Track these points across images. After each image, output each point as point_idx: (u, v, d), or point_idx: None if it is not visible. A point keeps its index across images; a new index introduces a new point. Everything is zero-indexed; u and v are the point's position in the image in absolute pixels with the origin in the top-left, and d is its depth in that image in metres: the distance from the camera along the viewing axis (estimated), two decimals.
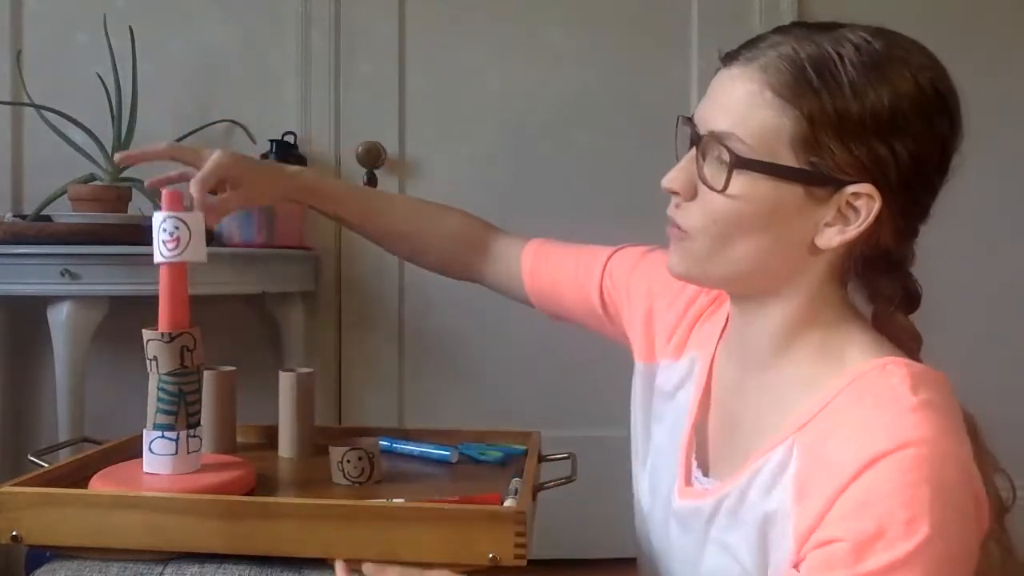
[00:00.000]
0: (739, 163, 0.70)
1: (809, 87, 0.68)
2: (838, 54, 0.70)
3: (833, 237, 0.71)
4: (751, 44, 0.73)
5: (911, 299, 0.76)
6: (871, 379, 0.70)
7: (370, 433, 1.20)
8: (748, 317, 0.79)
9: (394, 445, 1.20)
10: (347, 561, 0.84)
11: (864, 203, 0.69)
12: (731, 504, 0.76)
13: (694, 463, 0.85)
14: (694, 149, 0.74)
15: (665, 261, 0.83)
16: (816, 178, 0.69)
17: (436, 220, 1.14)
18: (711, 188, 0.72)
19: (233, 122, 2.06)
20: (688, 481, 0.85)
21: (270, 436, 1.24)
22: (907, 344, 0.76)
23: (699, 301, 0.93)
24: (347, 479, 1.04)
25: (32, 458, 1.06)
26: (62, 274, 1.64)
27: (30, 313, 1.85)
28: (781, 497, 0.71)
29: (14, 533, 0.88)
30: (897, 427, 0.65)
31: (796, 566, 0.67)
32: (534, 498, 0.96)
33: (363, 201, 1.17)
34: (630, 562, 0.90)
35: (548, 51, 2.16)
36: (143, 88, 1.91)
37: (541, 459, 1.16)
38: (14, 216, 1.83)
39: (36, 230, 1.72)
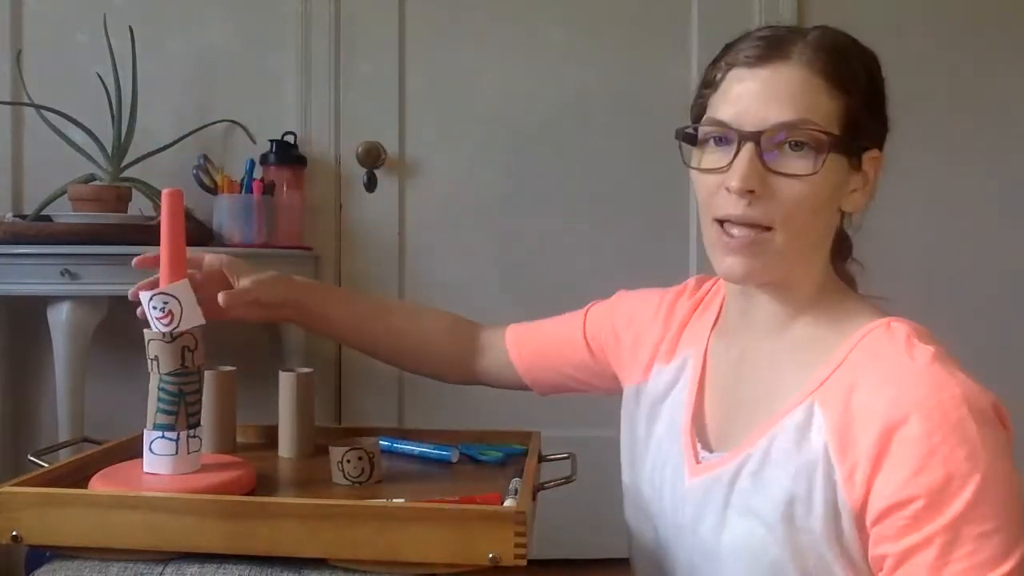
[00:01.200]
0: (832, 144, 0.77)
1: (846, 71, 0.79)
2: (846, 40, 0.83)
3: (859, 200, 0.82)
4: (774, 44, 0.80)
5: (850, 245, 0.89)
6: (879, 337, 0.77)
7: (370, 433, 1.20)
8: (767, 299, 0.84)
9: (394, 445, 1.20)
10: (346, 561, 0.84)
11: (871, 165, 0.81)
12: (753, 466, 0.79)
13: (698, 444, 0.88)
14: (748, 147, 0.77)
15: (634, 296, 1.00)
16: (859, 148, 0.80)
17: (426, 319, 1.20)
18: (792, 176, 0.77)
19: (233, 122, 2.06)
20: (697, 460, 0.87)
21: (270, 436, 1.24)
22: (854, 286, 0.88)
23: (680, 309, 0.99)
24: (347, 479, 1.04)
25: (32, 458, 1.06)
26: (62, 274, 1.65)
27: (30, 313, 1.85)
28: (815, 450, 0.75)
29: (14, 533, 0.88)
30: (926, 377, 0.72)
31: (863, 516, 0.72)
32: (534, 498, 0.96)
33: (356, 317, 1.21)
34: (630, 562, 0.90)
35: (548, 51, 2.16)
36: (143, 88, 1.91)
37: (541, 459, 1.16)
38: (14, 216, 1.83)
39: (36, 230, 1.72)
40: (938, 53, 2.21)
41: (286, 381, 1.20)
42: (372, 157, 2.12)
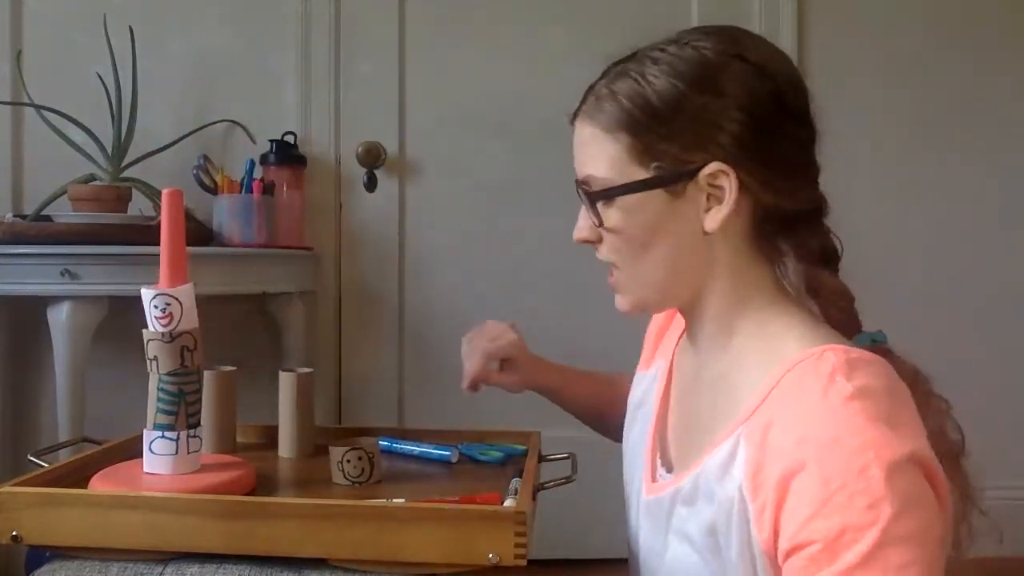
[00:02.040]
0: (596, 197, 0.80)
1: (626, 114, 0.78)
2: (640, 75, 0.79)
3: (714, 217, 0.77)
4: (584, 98, 0.83)
5: (828, 253, 0.82)
6: (807, 368, 0.71)
7: (370, 433, 1.20)
8: (691, 318, 0.85)
9: (394, 445, 1.21)
10: (346, 561, 0.84)
11: (723, 179, 0.76)
12: (686, 495, 0.79)
13: (658, 460, 0.89)
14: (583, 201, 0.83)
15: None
16: (666, 178, 0.77)
17: (616, 385, 1.16)
18: (600, 227, 0.81)
19: (233, 122, 2.06)
20: (653, 477, 0.89)
21: (270, 436, 1.24)
22: (838, 303, 0.81)
23: (661, 319, 1.02)
24: (347, 479, 1.04)
25: (32, 458, 1.06)
26: (62, 274, 1.64)
27: (30, 313, 1.85)
28: (734, 486, 0.73)
29: (14, 533, 0.88)
30: (835, 418, 0.67)
31: (775, 555, 0.70)
32: (534, 498, 0.96)
33: (579, 390, 1.23)
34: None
35: (548, 51, 2.16)
36: (143, 88, 1.91)
37: (541, 459, 1.16)
38: (14, 216, 1.83)
39: (36, 230, 1.72)
40: (938, 53, 2.21)
41: (286, 381, 1.20)
42: (372, 157, 2.12)
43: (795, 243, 0.81)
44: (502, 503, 0.91)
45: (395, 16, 2.15)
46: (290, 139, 2.06)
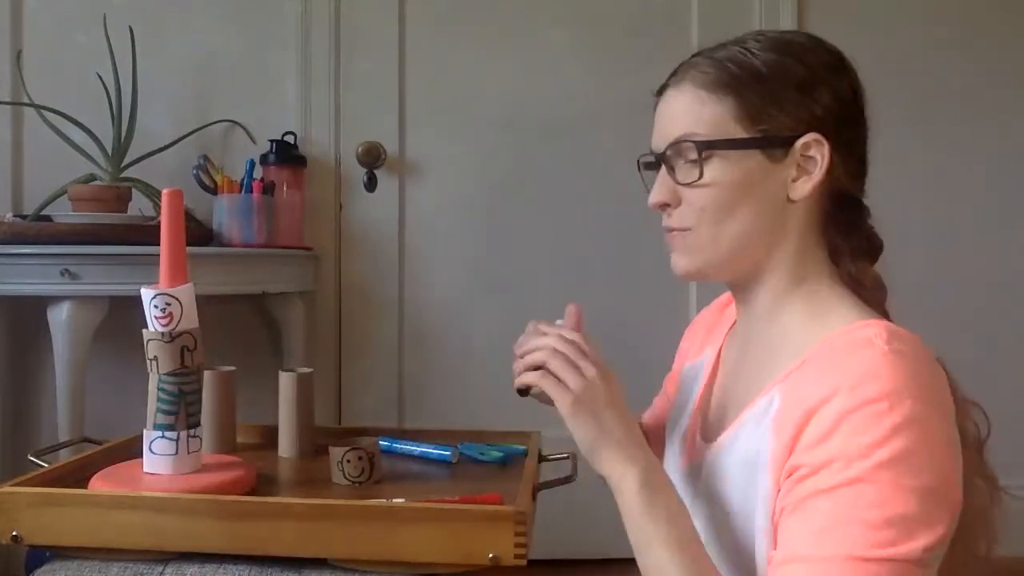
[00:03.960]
0: (704, 147, 0.81)
1: (734, 76, 0.81)
2: (744, 48, 0.82)
3: (803, 187, 0.81)
4: (675, 72, 0.86)
5: (874, 247, 0.87)
6: (848, 332, 0.75)
7: (370, 433, 1.20)
8: (748, 296, 0.87)
9: (394, 445, 1.20)
10: (346, 561, 0.84)
11: (816, 150, 0.80)
12: (722, 456, 0.83)
13: (698, 435, 0.92)
14: (663, 167, 0.85)
15: (683, 338, 1.05)
16: (769, 141, 0.80)
17: None
18: (689, 185, 0.82)
19: (233, 122, 2.06)
20: (693, 447, 0.92)
21: (270, 436, 1.24)
22: (876, 294, 0.86)
23: (710, 316, 1.06)
24: (347, 479, 1.04)
25: (32, 458, 1.06)
26: (62, 274, 1.64)
27: (30, 313, 1.85)
28: (761, 436, 0.77)
29: (14, 533, 0.88)
30: (863, 366, 0.70)
31: (775, 499, 0.73)
32: (534, 498, 0.97)
33: None
34: (630, 562, 0.90)
35: (548, 51, 2.16)
36: (143, 88, 1.91)
37: (541, 459, 1.16)
38: (14, 216, 1.83)
39: (36, 230, 1.72)
40: (937, 52, 2.21)
41: (286, 381, 1.20)
42: (372, 157, 2.12)
43: (849, 232, 0.84)
44: (502, 503, 0.91)
45: (395, 16, 2.15)
46: (290, 139, 2.06)
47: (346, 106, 2.14)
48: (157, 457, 0.96)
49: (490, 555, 0.84)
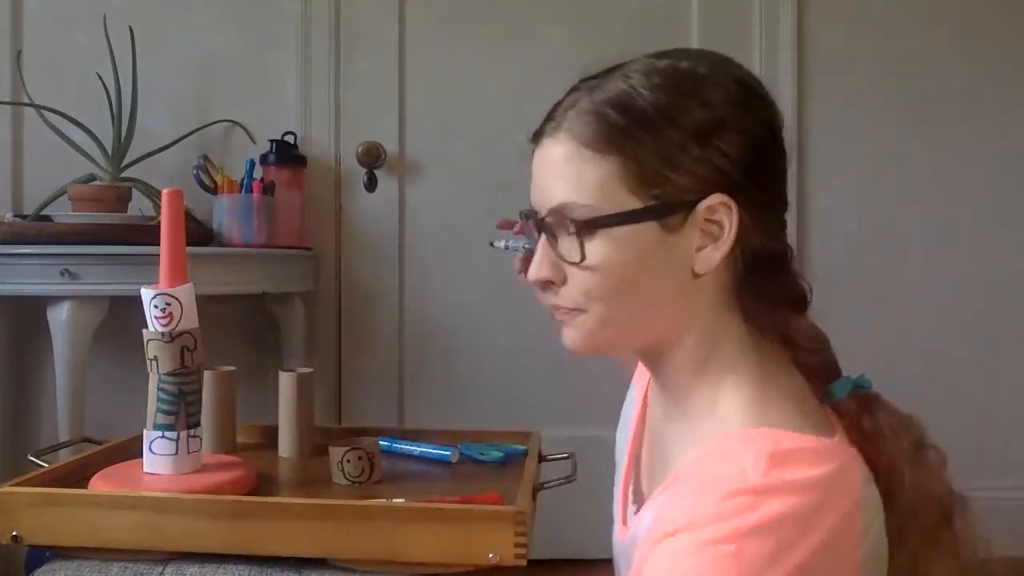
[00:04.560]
0: (584, 226, 0.67)
1: (617, 128, 0.67)
2: (630, 85, 0.68)
3: (709, 257, 0.67)
4: (550, 116, 0.72)
5: (799, 297, 0.73)
6: (730, 445, 0.63)
7: (370, 433, 1.20)
8: (656, 369, 0.75)
9: (394, 445, 1.21)
10: (346, 561, 0.84)
11: (722, 213, 0.67)
12: (631, 543, 0.72)
13: (630, 498, 0.83)
14: (543, 234, 0.71)
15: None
16: (663, 209, 0.67)
17: None
18: (573, 264, 0.69)
19: (233, 122, 2.06)
20: (624, 520, 0.83)
21: (270, 436, 1.24)
22: (813, 348, 0.71)
23: None
24: (347, 479, 1.04)
25: (32, 458, 1.06)
26: (62, 274, 1.64)
27: (30, 313, 1.85)
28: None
29: (14, 533, 0.88)
30: (701, 508, 0.59)
31: None
32: (534, 498, 0.97)
33: None
34: None
35: (548, 51, 2.16)
36: (143, 88, 1.91)
37: (541, 459, 1.16)
38: (14, 216, 1.83)
39: (36, 230, 1.72)
40: (937, 52, 2.21)
41: (286, 381, 1.20)
42: (372, 157, 2.12)
43: (767, 288, 0.70)
44: (502, 503, 0.91)
45: (395, 16, 2.15)
46: (290, 139, 2.06)
47: (346, 106, 2.14)
48: (157, 457, 0.96)
49: (490, 555, 0.84)
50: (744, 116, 0.68)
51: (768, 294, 0.70)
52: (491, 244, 0.99)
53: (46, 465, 1.02)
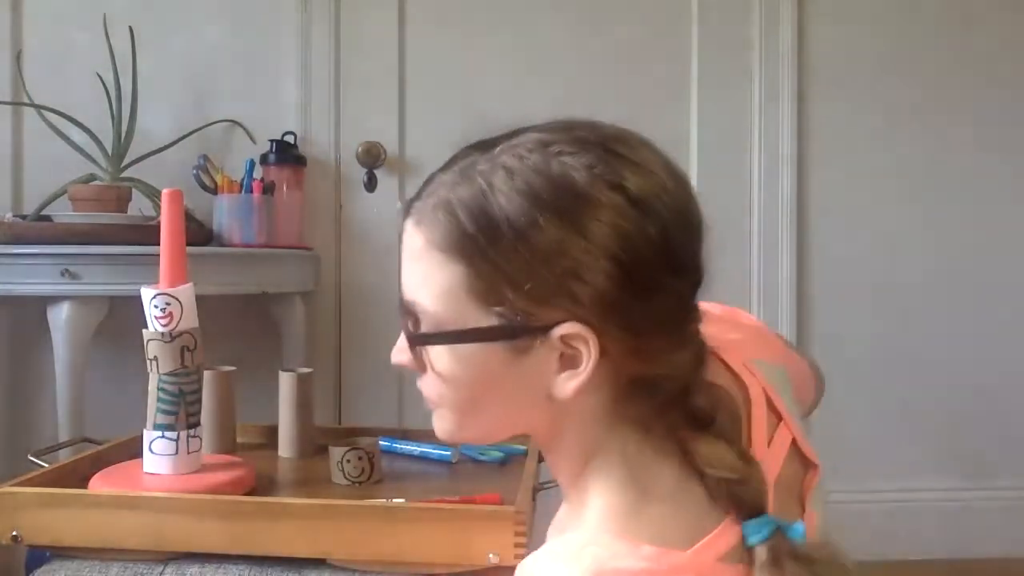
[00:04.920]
0: (417, 340, 0.63)
1: (465, 235, 0.59)
2: (489, 185, 0.59)
3: (566, 384, 0.59)
4: (422, 189, 0.64)
5: (698, 419, 0.61)
6: (564, 551, 0.58)
7: (370, 433, 1.20)
8: (543, 454, 0.70)
9: (394, 445, 1.21)
10: (346, 561, 0.84)
11: (580, 343, 0.58)
12: None
13: None
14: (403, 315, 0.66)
15: None
16: (508, 331, 0.59)
17: None
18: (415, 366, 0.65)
19: (233, 122, 2.06)
20: None
21: (270, 436, 1.24)
22: (717, 474, 0.59)
23: None
24: (347, 479, 1.04)
25: (32, 458, 1.06)
26: (62, 274, 1.64)
27: (30, 313, 1.85)
28: None
29: (14, 533, 0.88)
30: None
31: None
32: (534, 498, 0.97)
33: None
34: None
35: (548, 50, 2.16)
36: (143, 88, 1.91)
37: (541, 459, 1.16)
38: (14, 216, 1.83)
39: (36, 230, 1.72)
40: (938, 51, 2.21)
41: (286, 381, 1.20)
42: (372, 157, 2.12)
43: (657, 409, 0.61)
44: (502, 503, 0.91)
45: (395, 16, 2.15)
46: (290, 139, 2.06)
47: (346, 106, 2.14)
48: (157, 457, 0.96)
49: (490, 555, 0.84)
50: (619, 238, 0.57)
51: (659, 416, 0.61)
52: None
53: (46, 465, 1.02)
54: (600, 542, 0.57)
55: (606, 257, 0.57)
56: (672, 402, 0.61)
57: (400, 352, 0.67)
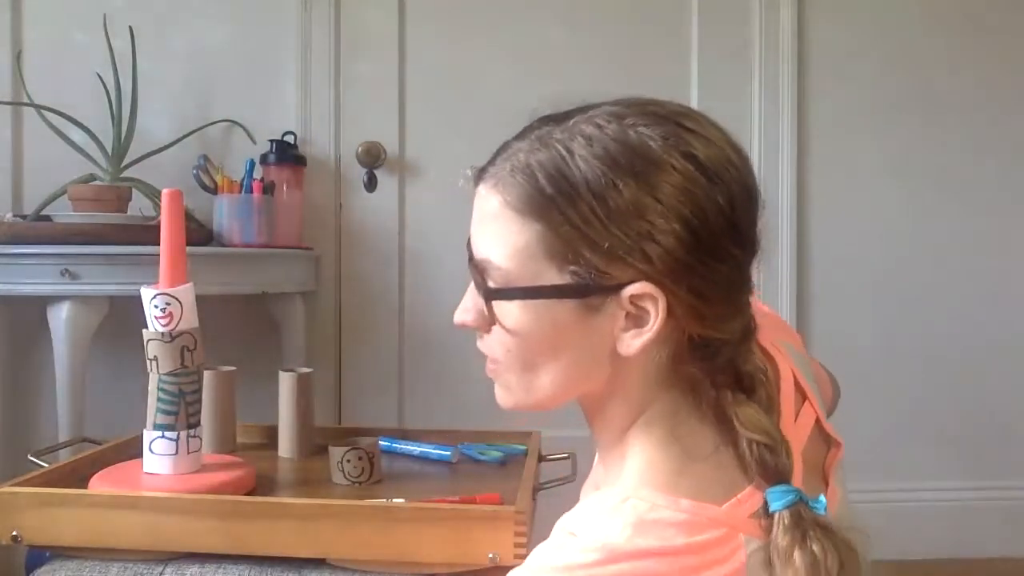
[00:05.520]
0: (492, 295, 0.66)
1: (543, 196, 0.62)
2: (568, 151, 0.63)
3: (631, 343, 0.62)
4: (495, 156, 0.69)
5: (745, 381, 0.65)
6: (603, 505, 0.61)
7: (370, 433, 1.20)
8: (588, 420, 0.72)
9: (394, 445, 1.21)
10: (346, 561, 0.84)
11: (649, 303, 0.61)
12: None
13: None
14: (474, 273, 0.70)
15: None
16: (582, 289, 0.62)
17: None
18: (491, 320, 0.67)
19: (233, 122, 2.06)
20: None
21: (270, 436, 1.24)
22: (754, 439, 0.62)
23: None
24: (347, 479, 1.04)
25: (32, 458, 1.06)
26: (62, 274, 1.64)
27: (30, 313, 1.85)
28: None
29: (14, 533, 0.88)
30: (550, 554, 0.60)
31: None
32: (534, 498, 0.97)
33: None
34: None
35: (548, 50, 2.16)
36: (143, 88, 1.91)
37: (541, 459, 1.16)
38: (14, 216, 1.83)
39: (36, 230, 1.72)
40: (938, 51, 2.21)
41: (286, 381, 1.20)
42: (372, 157, 2.12)
43: (708, 371, 0.65)
44: (502, 503, 0.91)
45: (395, 16, 2.15)
46: (290, 139, 2.06)
47: (346, 106, 2.14)
48: (157, 457, 0.96)
49: (490, 555, 0.84)
50: (691, 203, 0.61)
51: (710, 377, 0.65)
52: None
53: (46, 465, 1.02)
54: (640, 495, 0.60)
55: (677, 220, 0.60)
56: (722, 367, 0.64)
57: (465, 312, 0.70)
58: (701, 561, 0.58)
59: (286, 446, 1.19)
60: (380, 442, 1.14)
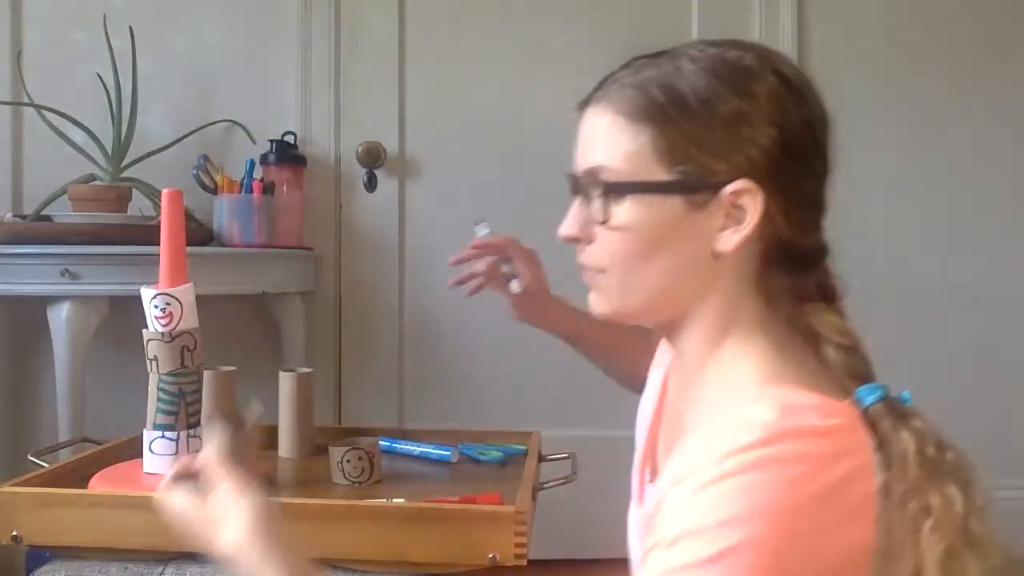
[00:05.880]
0: (611, 189, 0.72)
1: (655, 103, 0.70)
2: (676, 67, 0.71)
3: (730, 239, 0.70)
4: (600, 85, 0.77)
5: (829, 295, 0.74)
6: (741, 400, 0.65)
7: (370, 433, 1.20)
8: (674, 342, 0.77)
9: (394, 445, 1.21)
10: (346, 561, 0.84)
11: (748, 199, 0.69)
12: (649, 517, 0.70)
13: (647, 476, 0.84)
14: (579, 193, 0.76)
15: None
16: (689, 186, 0.69)
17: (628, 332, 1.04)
18: (600, 224, 0.73)
19: (233, 122, 2.06)
20: (641, 496, 0.84)
21: (270, 436, 1.24)
22: (839, 344, 0.70)
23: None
24: (347, 479, 1.04)
25: (32, 458, 1.06)
26: (62, 274, 1.65)
27: (30, 313, 1.85)
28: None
29: (14, 533, 0.88)
30: (712, 450, 0.61)
31: None
32: (534, 498, 0.97)
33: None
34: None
35: (548, 50, 2.16)
36: (143, 88, 1.91)
37: (541, 459, 1.16)
38: (14, 216, 1.83)
39: (36, 230, 1.72)
40: (938, 52, 2.21)
41: (286, 381, 1.20)
42: (372, 157, 2.12)
43: (793, 280, 0.72)
44: (502, 503, 0.91)
45: (395, 16, 2.15)
46: (290, 139, 2.06)
47: (346, 106, 2.14)
48: (157, 457, 0.97)
49: (490, 555, 0.84)
50: (781, 112, 0.70)
51: (794, 286, 0.72)
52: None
53: (46, 465, 1.02)
54: (771, 387, 0.65)
55: (772, 124, 0.69)
56: (808, 277, 0.72)
57: (569, 225, 0.76)
58: (844, 444, 0.62)
59: (286, 446, 1.19)
60: (380, 442, 1.14)
